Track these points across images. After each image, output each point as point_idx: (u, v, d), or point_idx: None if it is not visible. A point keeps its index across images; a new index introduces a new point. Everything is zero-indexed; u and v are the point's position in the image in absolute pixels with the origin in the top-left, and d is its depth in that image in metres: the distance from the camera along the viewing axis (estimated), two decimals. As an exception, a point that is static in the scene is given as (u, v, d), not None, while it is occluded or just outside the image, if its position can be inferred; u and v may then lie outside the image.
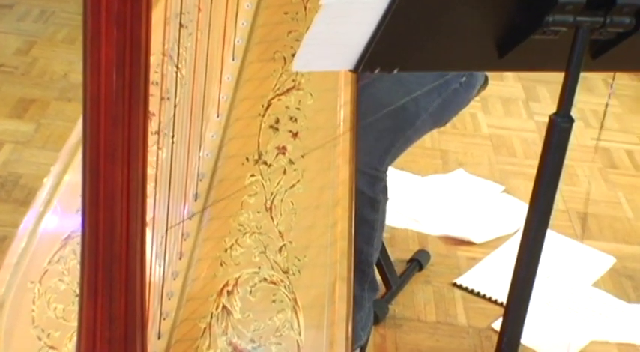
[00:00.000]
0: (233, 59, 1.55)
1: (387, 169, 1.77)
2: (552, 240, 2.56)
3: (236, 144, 1.53)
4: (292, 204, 1.49)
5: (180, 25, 1.53)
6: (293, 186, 1.50)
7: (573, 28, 1.21)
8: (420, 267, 2.35)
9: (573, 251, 2.53)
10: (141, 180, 1.21)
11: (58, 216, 1.52)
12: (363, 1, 1.16)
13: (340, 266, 1.45)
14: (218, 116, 1.54)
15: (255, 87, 1.54)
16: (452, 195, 2.72)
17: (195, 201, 1.51)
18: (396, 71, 1.30)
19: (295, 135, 1.52)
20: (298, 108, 1.52)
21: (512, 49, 1.26)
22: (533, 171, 1.34)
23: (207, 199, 1.51)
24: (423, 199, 2.67)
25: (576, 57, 1.23)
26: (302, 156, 1.51)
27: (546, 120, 1.27)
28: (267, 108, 1.53)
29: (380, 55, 1.23)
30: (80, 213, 1.51)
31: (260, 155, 1.51)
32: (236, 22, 1.54)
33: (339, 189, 1.50)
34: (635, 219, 2.73)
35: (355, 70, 1.25)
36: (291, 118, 1.52)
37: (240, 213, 1.49)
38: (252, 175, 1.51)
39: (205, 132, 1.53)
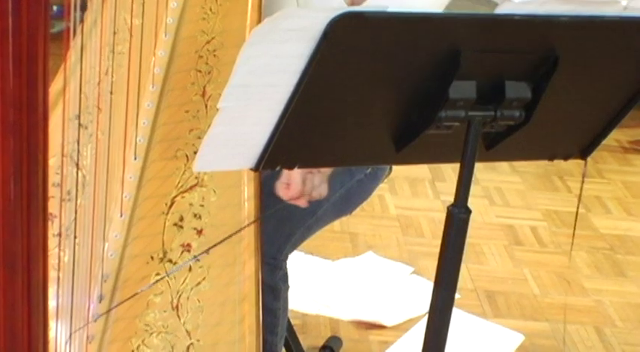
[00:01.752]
0: (135, 158, 1.55)
1: (286, 258, 1.77)
2: (461, 320, 2.59)
3: (140, 244, 1.52)
4: (199, 301, 1.48)
5: (80, 126, 1.53)
6: (199, 283, 1.49)
7: (466, 122, 1.25)
8: (333, 354, 2.35)
9: (482, 329, 2.57)
10: (42, 287, 1.20)
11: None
12: (259, 103, 1.18)
13: (249, 362, 1.45)
14: (121, 215, 1.53)
15: (158, 185, 1.54)
16: (362, 279, 2.74)
17: (100, 302, 1.49)
18: (296, 168, 1.32)
19: (200, 232, 1.52)
20: (202, 205, 1.53)
21: (408, 143, 1.29)
22: None
23: (112, 300, 1.50)
24: (333, 284, 2.68)
25: (470, 149, 1.27)
26: (207, 253, 1.51)
27: (451, 199, 1.30)
28: (170, 206, 1.53)
29: (279, 153, 1.25)
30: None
31: (165, 253, 1.51)
32: (137, 121, 1.55)
33: (246, 284, 1.50)
34: (542, 296, 2.78)
35: (256, 169, 1.26)
36: (195, 215, 1.53)
37: (147, 313, 1.48)
38: (158, 274, 1.50)
39: (109, 233, 1.52)
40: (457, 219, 1.30)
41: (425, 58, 1.19)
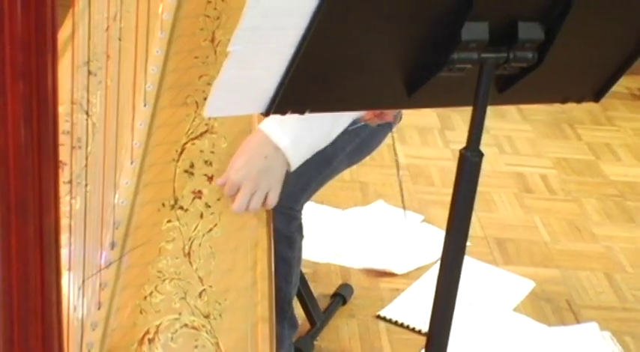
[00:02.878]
0: (145, 105, 1.54)
1: (302, 208, 1.77)
2: (471, 267, 2.59)
3: (151, 191, 1.52)
4: (211, 247, 1.49)
5: (89, 73, 1.52)
6: (210, 229, 1.49)
7: (478, 65, 1.24)
8: (344, 301, 2.36)
9: (493, 277, 2.57)
10: (54, 233, 1.20)
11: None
12: (270, 46, 1.16)
13: (261, 308, 1.45)
14: (132, 162, 1.53)
15: (168, 132, 1.54)
16: (372, 227, 2.74)
17: (112, 249, 1.49)
18: (307, 113, 1.31)
19: (211, 178, 1.52)
20: (213, 152, 1.53)
21: (420, 87, 1.28)
22: None
23: (124, 247, 1.50)
24: (344, 233, 2.69)
25: (483, 92, 1.26)
26: (218, 200, 1.51)
27: (460, 147, 1.29)
28: (181, 153, 1.52)
29: (290, 98, 1.24)
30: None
31: (176, 200, 1.51)
32: (146, 68, 1.54)
33: (257, 230, 1.50)
34: (552, 243, 2.78)
35: (266, 114, 1.25)
36: (205, 162, 1.52)
37: (159, 260, 1.48)
38: (169, 221, 1.50)
39: (119, 180, 1.52)
40: (469, 163, 1.30)
41: (437, -1, 1.18)
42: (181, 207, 1.50)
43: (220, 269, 1.47)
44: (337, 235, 2.67)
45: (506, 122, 3.55)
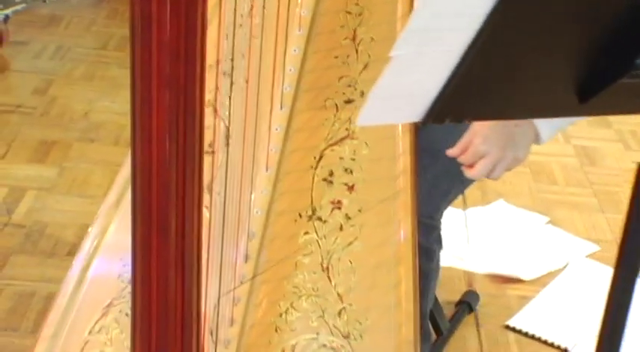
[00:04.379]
0: (281, 108, 1.44)
1: (442, 217, 1.66)
2: (605, 275, 2.44)
3: (287, 200, 1.42)
4: (351, 262, 1.38)
5: (222, 73, 1.43)
6: (351, 243, 1.39)
7: (666, 70, 1.10)
8: (470, 309, 2.24)
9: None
10: (196, 254, 1.11)
11: (97, 283, 1.41)
12: (436, 49, 1.05)
13: (406, 329, 1.34)
14: (267, 170, 1.43)
15: (305, 137, 1.43)
16: (495, 229, 2.61)
17: (246, 262, 1.40)
18: (466, 122, 1.20)
19: (351, 188, 1.41)
20: (353, 159, 1.42)
21: (595, 94, 1.15)
22: (577, 200, 1.24)
23: (258, 260, 1.40)
24: (465, 234, 2.56)
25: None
26: (359, 211, 1.40)
27: (584, 143, 1.16)
28: (319, 159, 1.42)
29: (452, 105, 1.12)
30: (122, 279, 1.42)
31: (314, 211, 1.40)
32: (284, 67, 1.44)
33: (402, 246, 1.39)
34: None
35: (424, 123, 1.14)
36: (346, 170, 1.41)
37: (295, 275, 1.38)
38: (307, 233, 1.40)
39: (255, 188, 1.42)
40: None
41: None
42: (319, 218, 1.40)
43: (361, 287, 1.37)
44: (459, 237, 2.54)
45: (629, 115, 3.37)
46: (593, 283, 2.39)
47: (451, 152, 1.44)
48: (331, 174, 1.41)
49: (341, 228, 1.39)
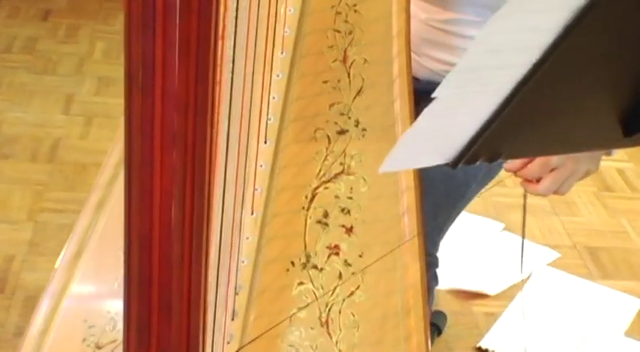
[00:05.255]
0: (265, 142, 1.27)
1: (438, 251, 1.51)
2: (569, 284, 2.34)
3: (277, 246, 1.25)
4: (353, 315, 1.22)
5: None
6: (352, 293, 1.23)
7: None
8: (439, 332, 2.10)
9: (593, 294, 2.32)
10: (200, 334, 0.94)
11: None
12: (483, 88, 0.90)
13: (419, 388, 1.19)
14: (252, 213, 1.25)
15: (294, 174, 1.26)
16: (452, 239, 2.47)
17: (233, 319, 1.23)
18: (500, 159, 1.05)
19: (350, 230, 1.25)
20: (351, 198, 1.26)
21: (640, 129, 1.02)
22: (529, 203, 1.12)
23: (246, 316, 1.23)
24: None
25: None
26: (360, 256, 1.24)
27: None
28: (311, 199, 1.25)
29: (489, 145, 0.98)
30: (88, 343, 1.24)
31: (308, 258, 1.24)
32: (267, 96, 1.26)
33: (410, 293, 1.24)
34: (648, 250, 2.54)
35: (455, 164, 1.00)
36: (342, 210, 1.25)
37: (290, 331, 1.21)
38: (301, 283, 1.23)
39: (240, 235, 1.25)
40: None
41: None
42: (315, 266, 1.24)
43: (366, 342, 1.21)
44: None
45: None
46: (557, 293, 2.29)
47: (510, 166, 1.27)
48: (326, 215, 1.25)
49: (340, 277, 1.24)
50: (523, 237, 1.49)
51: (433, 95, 0.87)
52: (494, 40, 0.84)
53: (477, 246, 2.45)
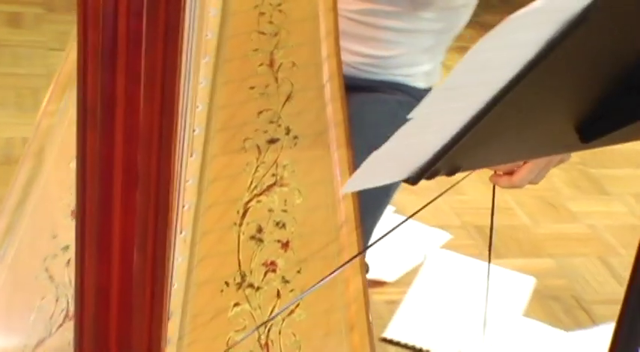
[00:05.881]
0: (192, 155, 1.18)
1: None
2: (463, 265, 2.34)
3: (209, 266, 1.17)
4: (294, 335, 1.16)
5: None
6: (292, 311, 1.16)
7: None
8: (344, 325, 2.06)
9: (486, 274, 2.32)
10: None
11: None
12: (454, 106, 0.84)
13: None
14: (181, 232, 1.16)
15: (224, 188, 1.18)
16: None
17: (166, 347, 1.14)
18: (459, 172, 1.00)
19: (286, 245, 1.18)
20: (285, 211, 1.18)
21: (597, 138, 0.99)
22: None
23: (180, 344, 1.15)
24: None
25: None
26: (299, 272, 1.18)
27: None
28: (244, 214, 1.18)
29: (452, 159, 0.93)
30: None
31: (243, 276, 1.16)
32: (193, 105, 1.17)
33: (352, 309, 1.18)
34: (534, 226, 2.56)
35: (416, 180, 0.95)
36: (277, 224, 1.18)
37: (228, 356, 1.14)
38: (237, 304, 1.16)
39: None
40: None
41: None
42: (251, 285, 1.16)
43: (310, 363, 1.15)
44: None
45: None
46: (454, 276, 2.29)
47: (498, 179, 1.23)
48: (260, 230, 1.18)
49: (278, 295, 1.17)
50: (490, 238, 1.45)
51: (411, 115, 0.81)
52: (478, 59, 0.78)
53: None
